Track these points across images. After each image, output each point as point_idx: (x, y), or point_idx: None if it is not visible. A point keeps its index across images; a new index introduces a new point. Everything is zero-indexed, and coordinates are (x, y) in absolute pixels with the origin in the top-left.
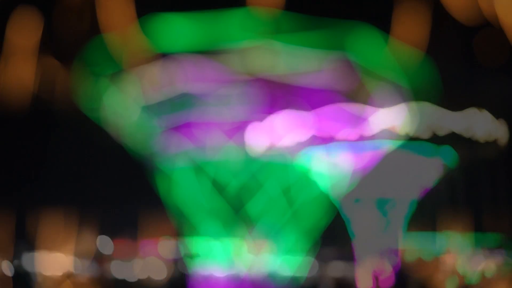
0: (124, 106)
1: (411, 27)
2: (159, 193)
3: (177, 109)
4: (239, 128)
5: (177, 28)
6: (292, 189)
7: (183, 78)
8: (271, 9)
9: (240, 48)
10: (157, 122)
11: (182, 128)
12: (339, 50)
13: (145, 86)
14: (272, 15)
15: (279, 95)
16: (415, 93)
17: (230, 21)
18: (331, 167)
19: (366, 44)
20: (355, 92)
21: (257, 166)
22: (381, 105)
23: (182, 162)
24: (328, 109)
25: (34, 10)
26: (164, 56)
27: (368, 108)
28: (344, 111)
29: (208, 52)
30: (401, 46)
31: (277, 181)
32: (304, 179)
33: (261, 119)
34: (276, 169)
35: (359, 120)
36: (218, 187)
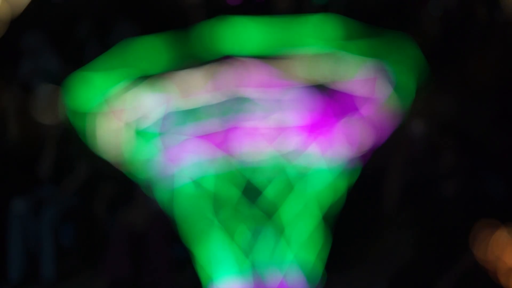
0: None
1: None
2: (173, 205)
3: (221, 114)
4: (280, 133)
5: (243, 32)
6: (324, 193)
7: (235, 82)
8: (343, 17)
9: (305, 55)
10: (186, 128)
11: (222, 133)
12: (377, 59)
13: (184, 91)
14: (344, 23)
15: (325, 102)
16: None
17: (302, 28)
18: (350, 169)
19: (402, 55)
20: (385, 101)
21: (293, 171)
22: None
23: (214, 168)
24: (360, 116)
25: None
26: (222, 59)
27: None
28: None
29: (270, 57)
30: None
31: (310, 186)
32: (336, 184)
33: (303, 125)
34: (311, 174)
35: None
36: (253, 193)
